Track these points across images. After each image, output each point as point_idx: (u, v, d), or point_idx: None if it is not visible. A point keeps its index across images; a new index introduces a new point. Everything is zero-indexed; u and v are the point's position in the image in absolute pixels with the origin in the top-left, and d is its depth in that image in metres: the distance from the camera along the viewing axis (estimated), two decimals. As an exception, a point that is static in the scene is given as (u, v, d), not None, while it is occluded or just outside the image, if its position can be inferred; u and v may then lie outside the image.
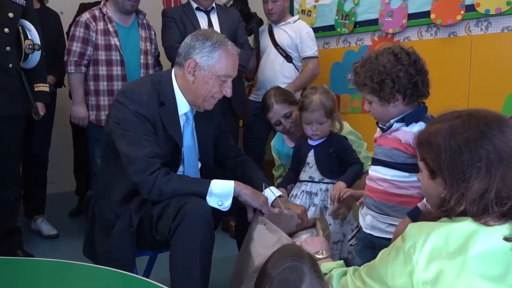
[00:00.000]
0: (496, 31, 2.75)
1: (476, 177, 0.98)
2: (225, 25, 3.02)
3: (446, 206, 1.01)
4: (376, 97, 1.52)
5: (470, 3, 2.80)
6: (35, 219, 3.14)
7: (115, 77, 2.77)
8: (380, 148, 1.60)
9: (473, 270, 0.92)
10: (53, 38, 2.98)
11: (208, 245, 1.54)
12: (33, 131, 2.95)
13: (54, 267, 1.48)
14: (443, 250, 0.94)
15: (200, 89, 1.73)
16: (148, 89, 1.71)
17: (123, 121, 1.66)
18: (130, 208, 1.67)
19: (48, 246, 2.91)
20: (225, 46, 1.73)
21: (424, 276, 0.94)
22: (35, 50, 2.38)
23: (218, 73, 1.71)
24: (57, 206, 3.58)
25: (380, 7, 3.25)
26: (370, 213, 1.62)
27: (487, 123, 1.02)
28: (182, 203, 1.54)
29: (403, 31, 3.17)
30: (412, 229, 1.00)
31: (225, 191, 1.64)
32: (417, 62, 1.50)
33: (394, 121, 1.55)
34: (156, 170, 1.60)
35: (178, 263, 1.52)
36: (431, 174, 1.09)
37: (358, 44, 3.50)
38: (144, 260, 2.10)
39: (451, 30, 2.94)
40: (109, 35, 2.75)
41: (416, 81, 1.48)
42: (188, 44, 1.74)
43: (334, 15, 3.58)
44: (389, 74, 1.47)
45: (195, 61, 1.71)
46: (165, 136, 1.71)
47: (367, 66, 1.52)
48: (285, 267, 1.10)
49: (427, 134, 1.10)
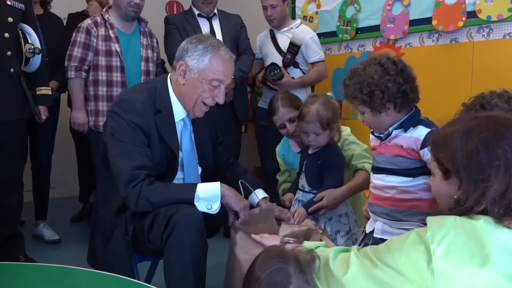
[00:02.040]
0: (497, 37, 2.76)
1: (496, 176, 0.98)
2: (227, 31, 3.04)
3: (463, 206, 1.01)
4: (367, 108, 1.54)
5: (471, 9, 2.80)
6: (38, 224, 3.14)
7: (114, 83, 2.78)
8: (383, 156, 1.60)
9: (495, 267, 0.92)
10: (56, 43, 3.00)
11: (200, 253, 1.53)
12: (37, 136, 2.97)
13: (56, 273, 1.47)
14: (464, 245, 0.94)
15: (189, 92, 1.72)
16: (143, 97, 1.70)
17: (117, 131, 1.65)
18: (125, 217, 1.67)
19: (51, 251, 2.91)
20: (218, 50, 1.70)
21: (440, 267, 0.94)
22: (35, 54, 2.39)
23: (208, 77, 1.69)
24: (59, 211, 3.58)
25: (382, 13, 3.26)
26: (381, 220, 1.62)
27: (505, 124, 1.03)
28: (172, 212, 1.53)
29: (405, 37, 3.17)
30: (434, 220, 1.01)
31: (212, 194, 1.63)
32: (404, 71, 1.52)
33: (393, 128, 1.56)
34: (140, 182, 1.59)
35: (172, 272, 1.52)
36: (445, 174, 1.09)
37: (360, 50, 3.50)
38: (146, 265, 2.10)
39: (453, 37, 2.95)
40: (110, 41, 2.76)
41: (405, 89, 1.50)
42: (182, 47, 1.74)
43: (336, 21, 3.60)
44: (377, 85, 1.49)
45: (186, 63, 1.70)
46: (161, 144, 1.70)
47: (356, 79, 1.54)
48: (272, 270, 1.11)
49: (443, 135, 1.11)
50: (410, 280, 0.99)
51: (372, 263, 1.07)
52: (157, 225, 1.56)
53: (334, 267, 1.13)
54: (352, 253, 1.14)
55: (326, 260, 1.16)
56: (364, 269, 1.08)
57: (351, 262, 1.11)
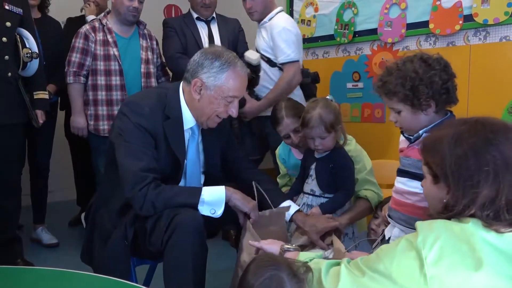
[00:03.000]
0: (494, 40, 2.77)
1: (485, 182, 0.98)
2: (225, 35, 3.04)
3: (452, 211, 1.01)
4: (408, 105, 1.45)
5: (468, 13, 2.82)
6: (36, 228, 3.14)
7: (113, 87, 2.79)
8: (409, 159, 1.52)
9: (491, 270, 0.92)
10: (54, 46, 3.01)
11: (200, 256, 1.54)
12: (35, 140, 2.97)
13: (54, 276, 1.48)
14: (455, 248, 0.94)
15: (205, 108, 1.72)
16: (153, 102, 1.71)
17: (124, 131, 1.66)
18: (125, 220, 1.68)
19: (49, 255, 2.91)
20: (234, 67, 1.70)
21: (433, 272, 0.94)
22: (33, 58, 2.40)
23: (225, 94, 1.69)
24: (57, 215, 3.58)
25: (379, 17, 3.28)
26: (398, 227, 1.56)
27: (494, 130, 1.02)
28: (173, 214, 1.54)
29: (402, 40, 3.19)
30: (423, 225, 1.00)
31: (216, 198, 1.63)
32: (447, 67, 1.46)
33: (423, 131, 1.48)
34: (147, 185, 1.59)
35: (171, 274, 1.52)
36: (434, 178, 1.09)
37: (357, 53, 3.51)
38: (145, 268, 2.10)
39: (450, 40, 2.96)
40: (108, 45, 2.77)
41: (448, 86, 1.44)
42: (197, 61, 1.71)
43: (334, 25, 3.61)
44: (422, 79, 1.41)
45: (201, 81, 1.69)
46: (167, 149, 1.71)
47: (396, 73, 1.46)
48: (265, 278, 1.11)
49: (433, 139, 1.11)
50: (403, 287, 0.99)
51: (363, 273, 1.07)
52: (159, 227, 1.56)
53: (326, 282, 1.13)
54: (343, 265, 1.13)
55: (319, 274, 1.15)
56: (354, 280, 1.08)
57: (341, 275, 1.11)
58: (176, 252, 1.50)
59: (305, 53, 3.90)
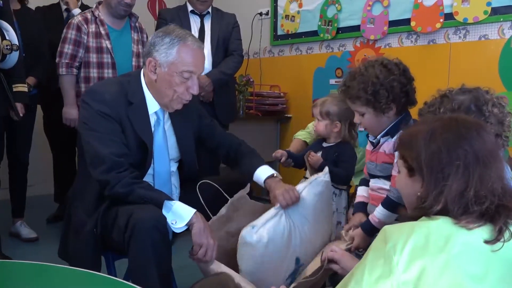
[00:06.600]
0: (473, 39, 2.82)
1: (455, 175, 1.01)
2: (216, 31, 3.00)
3: (423, 204, 1.03)
4: (371, 108, 1.55)
5: (449, 11, 2.86)
6: (14, 222, 3.09)
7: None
8: (372, 164, 1.66)
9: (456, 268, 0.93)
10: (34, 38, 2.95)
11: (163, 252, 1.50)
12: (14, 134, 2.92)
13: (32, 270, 1.46)
14: (425, 249, 0.95)
15: (163, 87, 1.69)
16: (114, 88, 1.69)
17: (89, 119, 1.64)
18: (98, 212, 1.65)
19: (28, 250, 2.86)
20: (184, 41, 1.67)
21: (404, 277, 0.94)
22: (13, 50, 2.35)
23: (179, 69, 1.66)
24: (37, 209, 3.53)
25: (362, 13, 3.30)
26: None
27: (466, 126, 1.06)
28: (129, 213, 1.51)
29: (384, 37, 3.22)
30: (393, 230, 1.00)
31: (182, 214, 1.55)
32: (406, 71, 1.56)
33: (380, 136, 1.61)
34: (126, 170, 1.58)
35: (135, 273, 1.51)
36: (409, 172, 1.12)
37: (340, 50, 3.54)
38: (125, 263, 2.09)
39: (431, 38, 3.00)
40: (101, 37, 2.74)
41: (407, 90, 1.54)
42: (150, 41, 1.71)
43: (317, 21, 3.63)
44: (382, 84, 1.51)
45: (155, 59, 1.67)
46: (133, 135, 1.69)
47: (359, 79, 1.55)
48: None
49: (409, 134, 1.14)
50: None
51: None
52: (117, 226, 1.55)
53: None
54: None
55: None
56: None
57: None
58: (137, 251, 1.48)
59: (289, 49, 3.91)
